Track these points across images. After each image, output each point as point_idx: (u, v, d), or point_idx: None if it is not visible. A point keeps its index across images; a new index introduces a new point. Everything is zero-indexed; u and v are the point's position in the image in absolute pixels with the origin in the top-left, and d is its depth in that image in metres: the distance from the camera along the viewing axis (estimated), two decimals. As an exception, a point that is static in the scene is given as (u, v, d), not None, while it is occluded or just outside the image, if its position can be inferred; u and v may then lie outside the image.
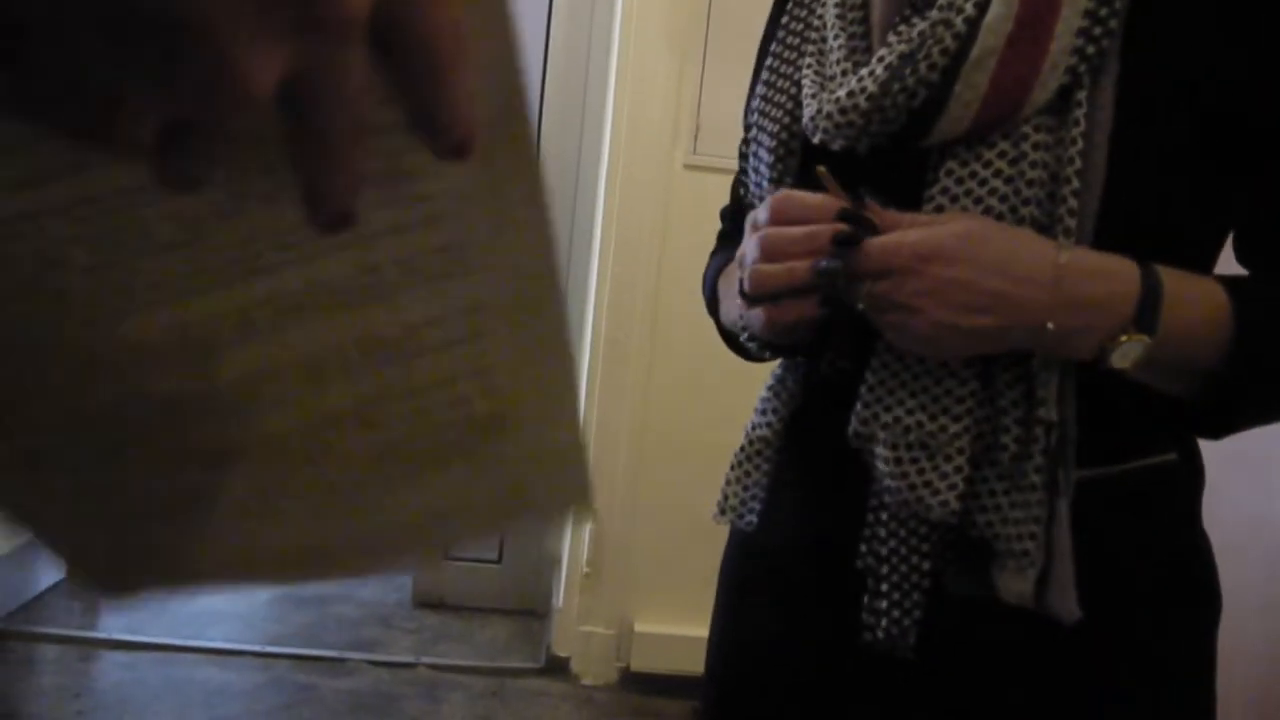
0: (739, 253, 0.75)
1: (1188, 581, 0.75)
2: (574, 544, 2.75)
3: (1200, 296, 0.65)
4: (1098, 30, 0.64)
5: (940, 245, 0.62)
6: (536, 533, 3.12)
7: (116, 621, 2.81)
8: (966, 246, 0.62)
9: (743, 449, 0.83)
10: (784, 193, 0.71)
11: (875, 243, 0.64)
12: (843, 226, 0.65)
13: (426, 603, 3.13)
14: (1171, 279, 0.64)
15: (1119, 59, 0.65)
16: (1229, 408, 0.68)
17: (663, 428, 2.61)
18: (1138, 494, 0.72)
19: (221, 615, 2.95)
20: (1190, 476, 0.76)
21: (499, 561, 3.16)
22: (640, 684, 2.68)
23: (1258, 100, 0.65)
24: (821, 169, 0.68)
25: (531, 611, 3.10)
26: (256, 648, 2.73)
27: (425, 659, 2.76)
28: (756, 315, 0.71)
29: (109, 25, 0.22)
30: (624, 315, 2.60)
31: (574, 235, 3.00)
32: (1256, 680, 1.82)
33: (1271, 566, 1.79)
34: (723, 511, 0.84)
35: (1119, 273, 0.63)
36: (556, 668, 2.76)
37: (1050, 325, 0.62)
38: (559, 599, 2.86)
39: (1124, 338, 0.62)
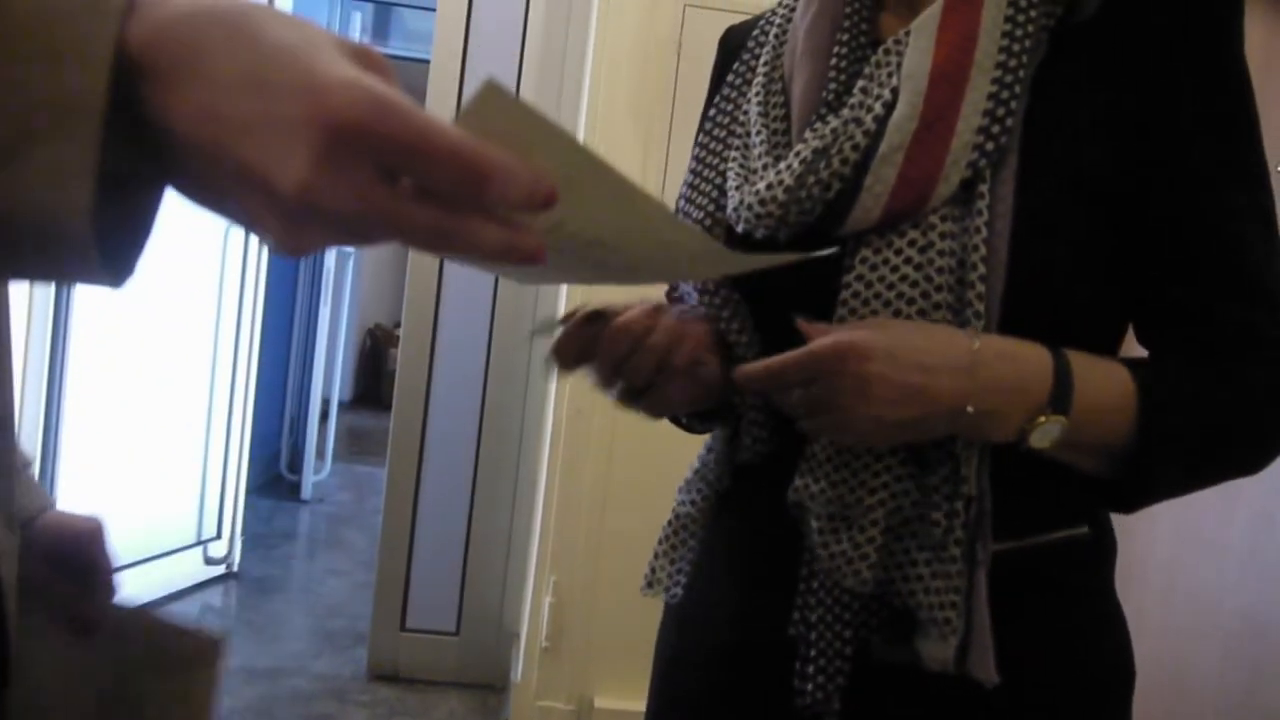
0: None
1: (1100, 650, 0.78)
2: (533, 617, 2.71)
3: (1107, 378, 0.69)
4: (996, 128, 0.69)
5: (859, 344, 0.66)
6: (494, 604, 3.08)
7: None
8: (882, 343, 0.65)
9: (670, 524, 0.86)
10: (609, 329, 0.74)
11: (797, 353, 0.67)
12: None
13: (382, 675, 3.07)
14: (1079, 362, 0.68)
15: (1018, 154, 0.70)
16: (1139, 483, 0.72)
17: (625, 501, 2.59)
18: (1050, 566, 0.75)
19: (170, 688, 2.88)
20: (1102, 549, 0.79)
21: (457, 634, 3.11)
22: (598, 761, 2.63)
23: (1146, 190, 0.70)
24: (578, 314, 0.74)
25: (489, 685, 3.05)
26: (205, 723, 2.66)
27: (379, 735, 2.70)
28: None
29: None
30: (587, 387, 2.60)
31: (537, 308, 3.01)
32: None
33: (1228, 647, 1.80)
34: (650, 585, 0.87)
35: (1030, 357, 0.67)
36: (513, 744, 2.71)
37: (970, 409, 0.66)
38: (517, 673, 2.81)
39: (1042, 419, 0.66)
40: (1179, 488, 0.74)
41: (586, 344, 0.75)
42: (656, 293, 0.84)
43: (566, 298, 2.61)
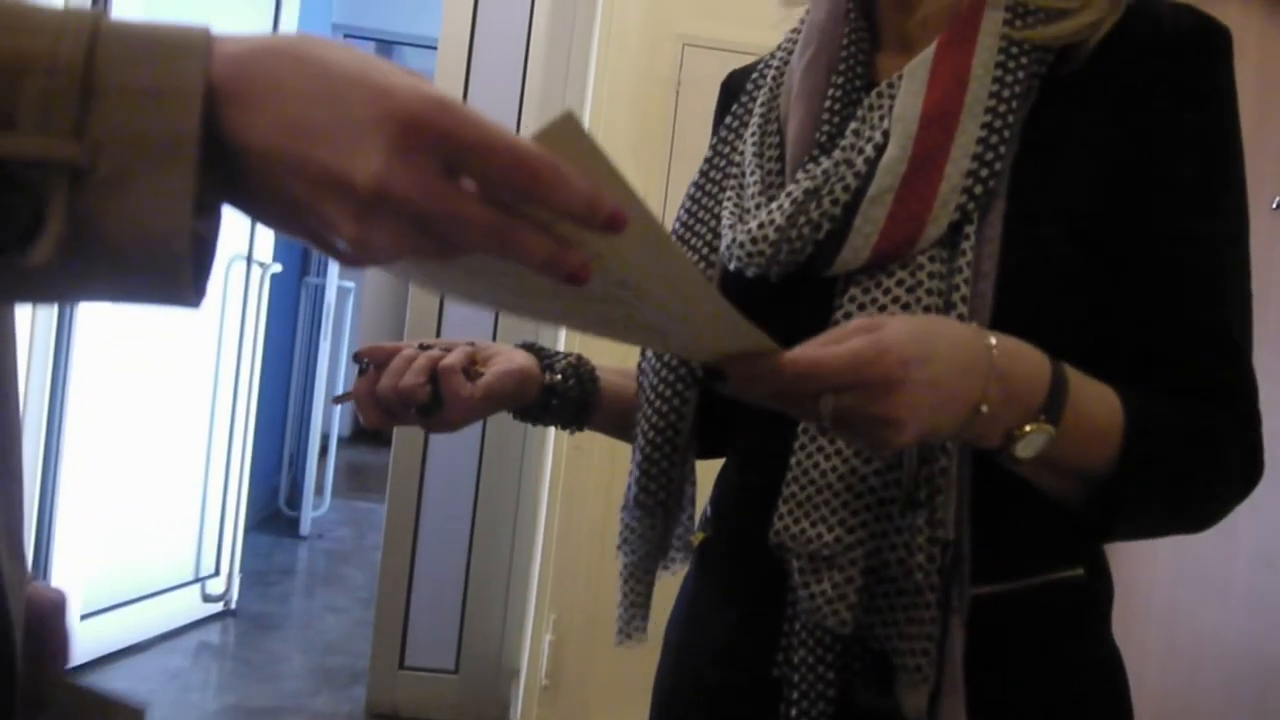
0: None
1: (1096, 696, 0.77)
2: (533, 655, 2.69)
3: (1099, 397, 0.68)
4: (984, 172, 0.69)
5: (898, 348, 0.59)
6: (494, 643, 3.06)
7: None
8: (916, 347, 0.60)
9: (621, 577, 0.90)
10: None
11: (837, 352, 0.59)
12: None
13: (380, 714, 3.05)
14: (1074, 376, 0.66)
15: (1006, 198, 0.70)
16: (1107, 513, 0.70)
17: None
18: (1043, 609, 0.74)
19: (168, 727, 2.86)
20: (1098, 591, 0.78)
21: (456, 672, 3.09)
22: (598, 802, 2.60)
23: (1130, 238, 0.70)
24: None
25: (488, 724, 3.03)
26: (202, 762, 2.64)
27: (377, 774, 2.68)
28: None
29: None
30: (587, 423, 2.60)
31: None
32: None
33: (1232, 688, 1.79)
34: (622, 634, 0.90)
35: (1034, 360, 0.65)
36: (512, 784, 2.68)
37: (984, 409, 0.62)
38: (517, 711, 2.79)
39: (1030, 427, 0.63)
40: (1140, 528, 0.73)
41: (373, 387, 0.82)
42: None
43: (565, 344, 2.61)
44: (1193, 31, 0.72)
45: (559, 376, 0.89)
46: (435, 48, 3.04)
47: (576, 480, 2.63)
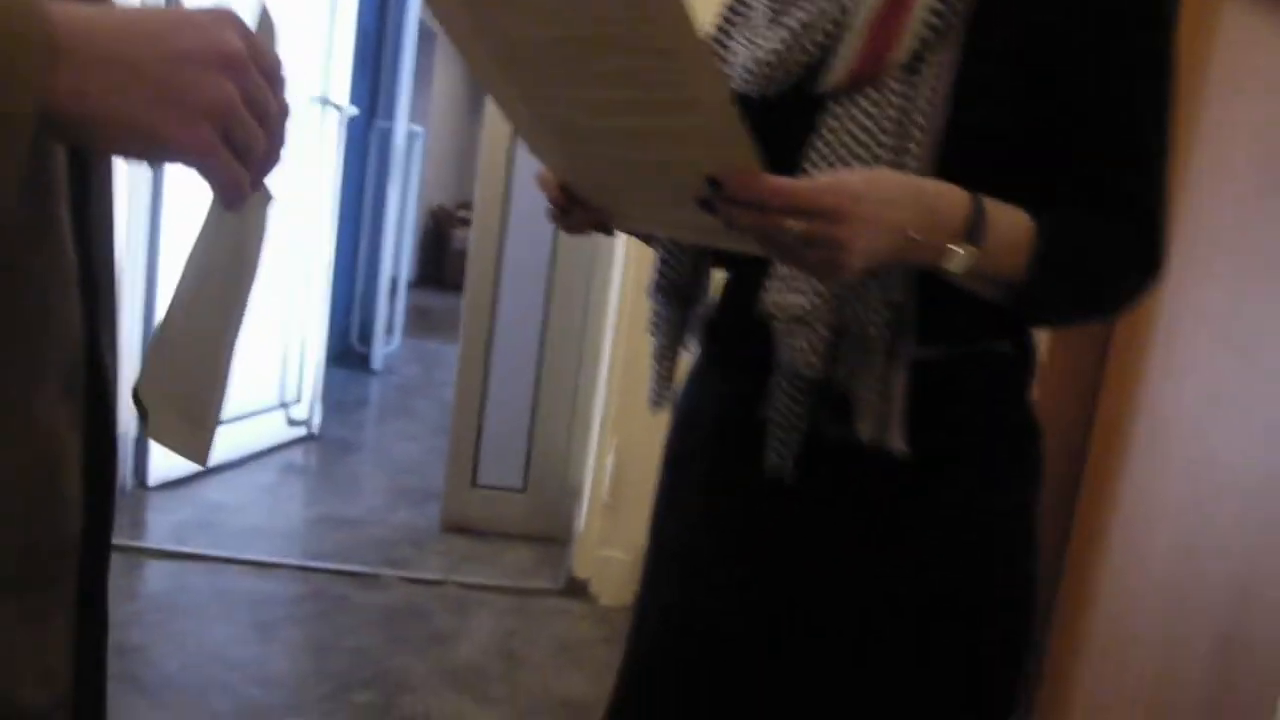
0: None
1: (1013, 448, 0.96)
2: (596, 476, 2.90)
3: (1013, 222, 0.83)
4: (945, 9, 0.84)
5: (850, 187, 0.76)
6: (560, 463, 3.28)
7: (162, 534, 2.99)
8: (868, 185, 0.77)
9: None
10: None
11: (804, 183, 0.75)
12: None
13: (453, 527, 3.31)
14: (991, 205, 0.82)
15: (964, 31, 0.84)
16: (1028, 311, 0.88)
17: (685, 369, 2.72)
18: (975, 372, 0.93)
19: (262, 532, 3.14)
20: (1022, 364, 0.96)
21: (524, 490, 3.33)
22: (654, 607, 2.84)
23: (1073, 71, 0.84)
24: None
25: (554, 538, 3.28)
26: (296, 562, 2.92)
27: (454, 578, 2.95)
28: None
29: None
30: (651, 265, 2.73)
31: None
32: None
33: (1246, 505, 1.91)
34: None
35: (955, 195, 0.81)
36: (576, 589, 2.94)
37: (914, 234, 0.78)
38: (580, 525, 3.03)
39: (957, 248, 0.80)
40: (1054, 319, 0.94)
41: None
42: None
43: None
44: None
45: None
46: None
47: (639, 315, 2.78)
